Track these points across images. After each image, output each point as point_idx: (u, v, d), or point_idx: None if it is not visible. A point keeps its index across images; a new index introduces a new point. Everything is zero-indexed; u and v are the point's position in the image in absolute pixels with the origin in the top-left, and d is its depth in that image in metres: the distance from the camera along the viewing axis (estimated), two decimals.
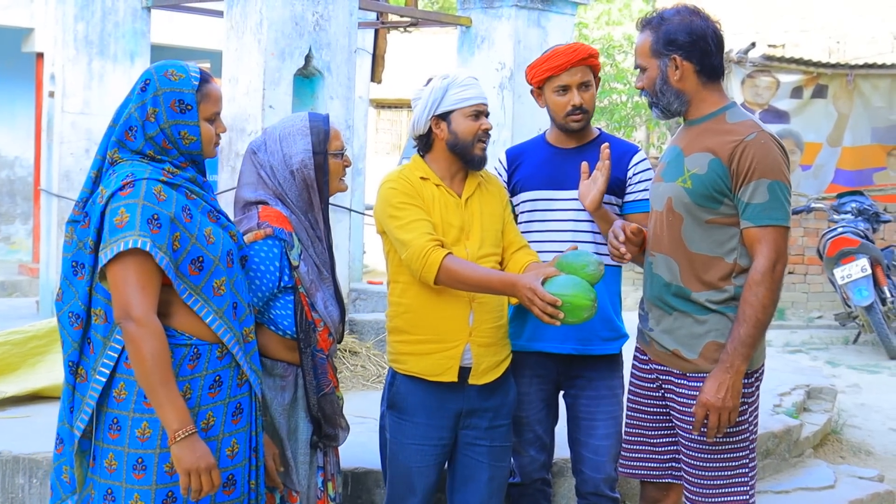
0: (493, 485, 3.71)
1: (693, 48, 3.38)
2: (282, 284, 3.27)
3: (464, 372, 3.59)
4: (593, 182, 3.73)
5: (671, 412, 3.51)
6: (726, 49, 13.00)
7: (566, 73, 3.85)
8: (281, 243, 3.27)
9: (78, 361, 2.96)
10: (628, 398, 3.68)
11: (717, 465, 3.40)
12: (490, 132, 3.67)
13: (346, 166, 3.47)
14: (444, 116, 3.61)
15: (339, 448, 3.61)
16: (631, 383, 3.67)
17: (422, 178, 3.66)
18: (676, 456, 3.59)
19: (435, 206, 3.62)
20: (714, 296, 3.37)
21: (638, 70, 3.52)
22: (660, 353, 3.48)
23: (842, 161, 12.97)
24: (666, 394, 3.51)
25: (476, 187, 3.69)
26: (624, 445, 3.68)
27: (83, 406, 2.92)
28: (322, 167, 3.38)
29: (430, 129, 3.64)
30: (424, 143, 3.69)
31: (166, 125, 2.95)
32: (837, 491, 5.50)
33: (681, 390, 3.43)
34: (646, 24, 3.48)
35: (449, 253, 3.47)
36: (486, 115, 3.68)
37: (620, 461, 3.69)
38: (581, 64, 3.85)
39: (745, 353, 3.28)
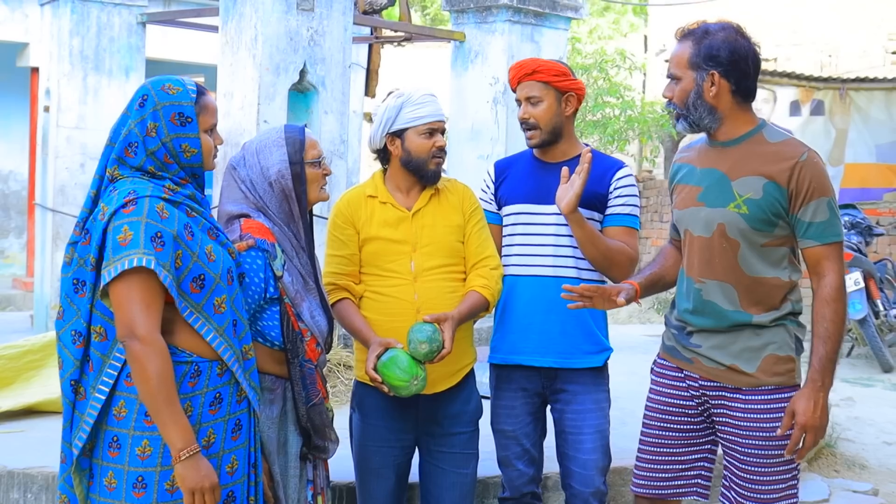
0: (455, 492, 3.77)
1: (733, 67, 3.34)
2: (267, 295, 3.28)
3: None
4: (570, 185, 3.72)
5: (722, 428, 3.46)
6: None
7: (518, 88, 3.92)
8: (264, 254, 3.27)
9: (79, 379, 2.93)
10: (651, 416, 3.60)
11: (776, 477, 3.38)
12: (444, 149, 3.73)
13: (325, 174, 3.50)
14: (399, 134, 3.68)
15: (333, 462, 3.62)
16: (655, 401, 3.60)
17: (370, 196, 3.75)
18: (704, 473, 3.57)
19: (373, 224, 3.70)
20: (774, 315, 3.38)
21: (670, 79, 3.45)
22: (711, 369, 3.44)
23: (846, 179, 12.99)
24: (714, 410, 3.47)
25: (429, 200, 3.74)
26: (642, 464, 3.61)
27: (81, 424, 2.90)
28: (299, 177, 3.41)
29: (385, 145, 3.71)
30: (382, 157, 3.77)
31: (167, 139, 2.95)
32: None
33: (735, 405, 3.40)
34: (687, 34, 3.41)
35: (341, 299, 3.68)
36: (443, 132, 3.73)
37: (637, 481, 3.62)
38: (527, 79, 3.88)
39: (832, 370, 3.30)
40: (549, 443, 4.05)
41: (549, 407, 4.01)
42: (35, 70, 11.45)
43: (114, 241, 2.81)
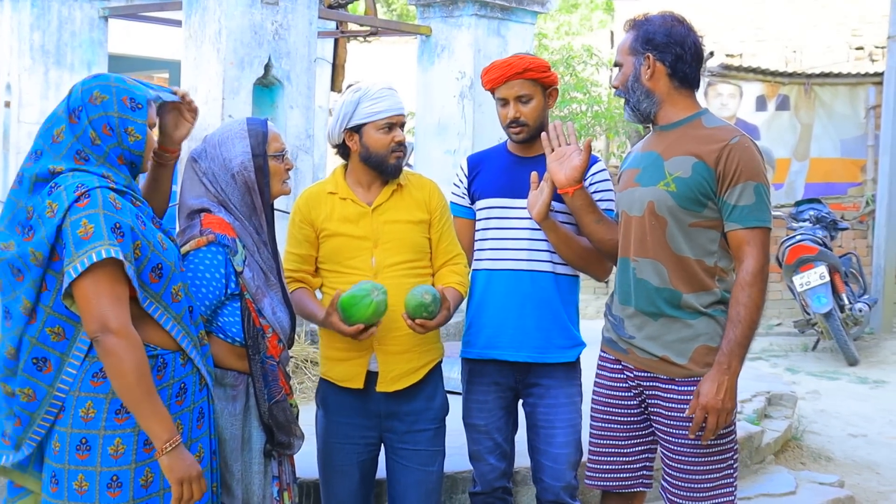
0: (421, 489, 3.74)
1: (667, 50, 3.42)
2: (228, 291, 3.24)
3: (376, 378, 3.65)
4: (540, 193, 3.73)
5: (655, 418, 3.49)
6: None
7: (503, 86, 3.86)
8: (224, 249, 3.24)
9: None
10: (595, 409, 3.64)
11: (708, 467, 3.42)
12: (404, 143, 3.67)
13: (288, 169, 3.46)
14: (357, 129, 3.64)
15: (301, 458, 3.59)
16: (598, 394, 3.64)
17: (330, 192, 3.72)
18: (648, 464, 3.61)
19: (333, 221, 3.67)
20: (704, 298, 3.39)
21: (616, 68, 3.54)
22: (644, 360, 3.47)
23: (811, 174, 13.09)
24: (648, 400, 3.50)
25: (390, 195, 3.70)
26: (592, 457, 3.65)
27: (36, 422, 2.82)
28: (262, 169, 3.36)
29: (344, 140, 3.68)
30: (342, 152, 3.74)
31: (114, 115, 2.88)
32: (798, 497, 5.53)
33: (669, 395, 3.43)
34: (631, 24, 3.53)
35: (296, 289, 3.65)
36: (402, 125, 3.68)
37: (588, 473, 3.66)
38: (517, 77, 3.83)
39: (741, 354, 3.33)
40: (520, 437, 4.03)
41: (520, 401, 4.00)
42: None
43: (75, 237, 2.73)
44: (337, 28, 8.73)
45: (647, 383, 3.48)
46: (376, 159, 3.63)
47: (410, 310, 3.47)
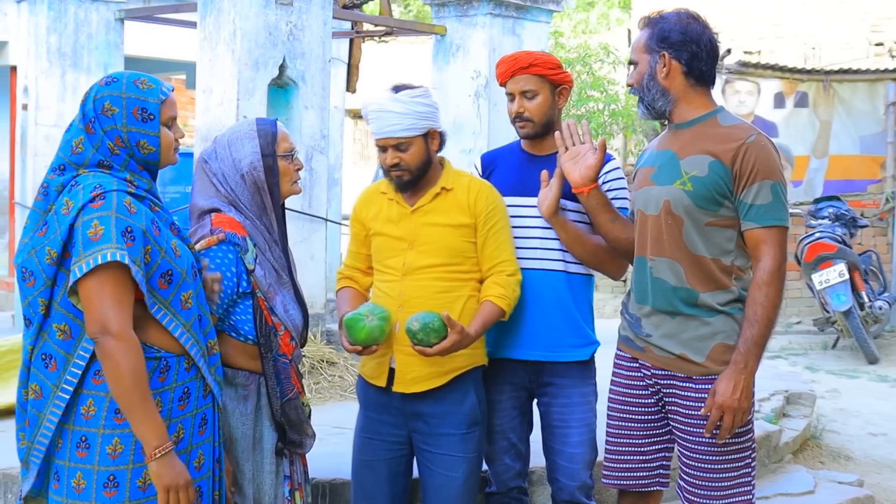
0: (442, 494, 3.72)
1: (683, 48, 3.41)
2: (240, 290, 3.25)
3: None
4: (549, 190, 3.72)
5: (672, 416, 3.49)
6: None
7: (510, 81, 3.86)
8: (235, 248, 3.25)
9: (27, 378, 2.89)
10: (612, 408, 3.64)
11: (725, 465, 3.41)
12: (399, 164, 3.62)
13: (298, 169, 3.47)
14: None
15: (315, 458, 3.60)
16: (615, 392, 3.63)
17: (382, 192, 3.77)
18: (665, 463, 3.60)
19: (378, 220, 3.74)
20: (721, 297, 3.38)
21: (631, 66, 3.54)
22: (661, 358, 3.46)
23: (830, 171, 13.03)
24: (666, 398, 3.49)
25: (433, 198, 3.70)
26: (609, 456, 3.64)
27: (43, 423, 2.85)
28: (272, 169, 3.37)
29: None
30: None
31: (124, 129, 2.89)
32: (817, 496, 5.50)
33: (686, 393, 3.42)
34: (646, 21, 3.52)
35: (343, 287, 3.85)
36: (398, 146, 3.61)
37: (605, 472, 3.65)
38: (522, 73, 3.82)
39: (758, 353, 3.33)
40: (535, 437, 4.02)
41: (535, 401, 3.99)
42: (14, 69, 11.36)
43: (84, 237, 2.75)
44: (352, 28, 8.73)
45: (665, 381, 3.47)
46: (384, 171, 3.70)
47: (409, 334, 3.49)
